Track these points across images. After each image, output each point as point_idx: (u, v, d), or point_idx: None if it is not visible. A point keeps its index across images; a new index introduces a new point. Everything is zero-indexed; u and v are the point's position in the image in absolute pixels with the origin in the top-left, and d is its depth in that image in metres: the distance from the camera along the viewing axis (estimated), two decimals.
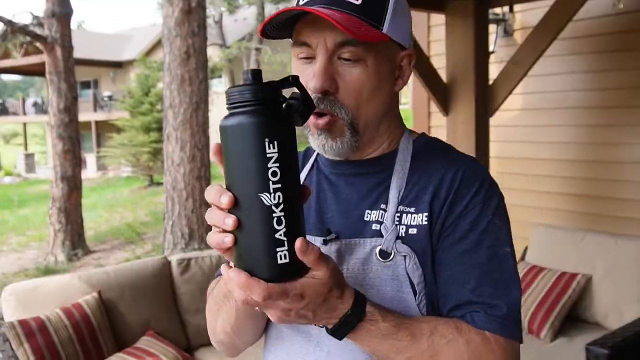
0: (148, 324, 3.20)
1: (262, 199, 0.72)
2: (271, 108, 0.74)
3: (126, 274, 3.24)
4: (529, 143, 4.41)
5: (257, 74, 0.75)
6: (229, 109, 0.74)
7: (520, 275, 1.99)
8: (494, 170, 4.04)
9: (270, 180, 0.72)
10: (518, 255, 3.63)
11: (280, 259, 0.73)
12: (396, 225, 0.94)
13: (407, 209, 0.95)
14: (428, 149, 1.01)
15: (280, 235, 0.73)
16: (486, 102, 3.66)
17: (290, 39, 0.98)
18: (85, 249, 9.31)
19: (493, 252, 0.92)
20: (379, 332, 0.85)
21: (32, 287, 3.10)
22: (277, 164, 0.72)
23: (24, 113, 27.40)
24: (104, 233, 10.64)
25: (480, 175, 0.96)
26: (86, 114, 22.49)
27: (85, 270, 7.41)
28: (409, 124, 1.56)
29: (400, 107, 1.06)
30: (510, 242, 0.96)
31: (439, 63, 3.89)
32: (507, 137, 4.47)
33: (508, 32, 4.46)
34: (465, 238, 0.92)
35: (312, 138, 0.97)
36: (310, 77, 0.92)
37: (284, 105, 0.76)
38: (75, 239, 9.13)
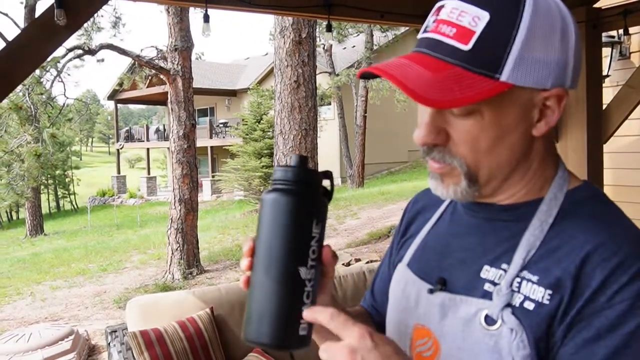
0: None
1: (300, 271, 0.76)
2: (319, 193, 0.80)
3: (237, 292, 3.41)
4: None
5: (306, 160, 0.80)
6: (283, 183, 0.78)
7: None
8: None
9: (309, 257, 0.77)
10: None
11: (301, 331, 0.76)
12: (512, 291, 0.79)
13: (530, 276, 0.78)
14: (581, 207, 0.82)
15: (307, 308, 0.77)
16: (599, 127, 3.53)
17: None
18: (200, 268, 9.75)
19: None
20: None
21: (152, 301, 3.35)
22: (318, 244, 0.78)
23: (147, 139, 29.43)
24: (217, 253, 11.12)
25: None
26: (203, 140, 23.75)
27: (199, 287, 7.79)
28: None
29: None
30: None
31: None
32: (624, 164, 4.27)
33: (624, 55, 4.28)
34: (602, 338, 0.72)
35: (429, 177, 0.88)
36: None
37: (325, 193, 0.82)
38: (191, 259, 9.60)
